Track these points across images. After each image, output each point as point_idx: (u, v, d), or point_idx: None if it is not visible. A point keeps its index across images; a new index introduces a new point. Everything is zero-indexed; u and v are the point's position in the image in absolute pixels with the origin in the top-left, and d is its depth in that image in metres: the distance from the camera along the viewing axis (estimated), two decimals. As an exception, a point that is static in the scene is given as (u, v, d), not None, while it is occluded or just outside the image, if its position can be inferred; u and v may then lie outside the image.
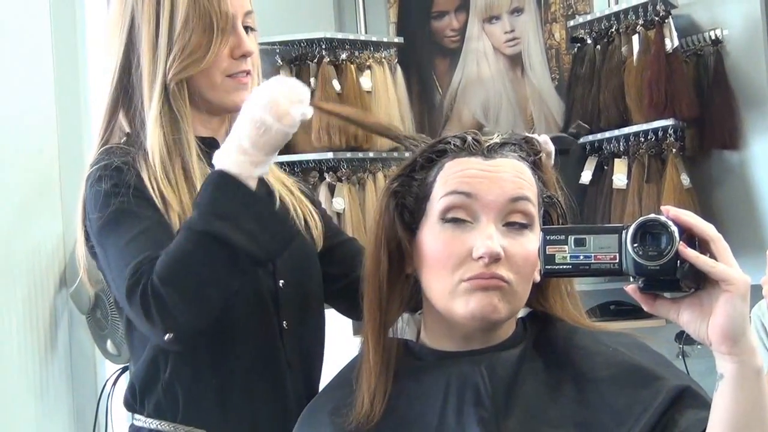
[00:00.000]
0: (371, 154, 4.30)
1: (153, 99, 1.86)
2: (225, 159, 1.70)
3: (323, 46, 4.33)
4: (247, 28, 1.93)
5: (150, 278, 1.66)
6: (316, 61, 4.31)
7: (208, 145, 1.91)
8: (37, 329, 2.97)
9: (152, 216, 1.77)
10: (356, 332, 4.07)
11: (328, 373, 1.80)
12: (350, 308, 2.02)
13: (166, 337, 1.68)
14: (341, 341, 2.08)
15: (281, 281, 1.89)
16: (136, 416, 1.89)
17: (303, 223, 1.96)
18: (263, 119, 1.69)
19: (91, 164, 1.86)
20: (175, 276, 1.66)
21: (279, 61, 4.32)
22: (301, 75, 4.31)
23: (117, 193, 1.77)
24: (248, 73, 1.93)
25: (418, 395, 1.55)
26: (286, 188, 1.97)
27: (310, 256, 1.99)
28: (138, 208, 1.77)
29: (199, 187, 1.78)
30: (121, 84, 1.92)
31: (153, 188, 1.79)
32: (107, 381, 3.28)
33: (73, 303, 3.11)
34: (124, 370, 3.32)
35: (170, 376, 1.82)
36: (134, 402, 1.90)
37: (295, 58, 4.36)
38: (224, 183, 1.69)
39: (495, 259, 1.48)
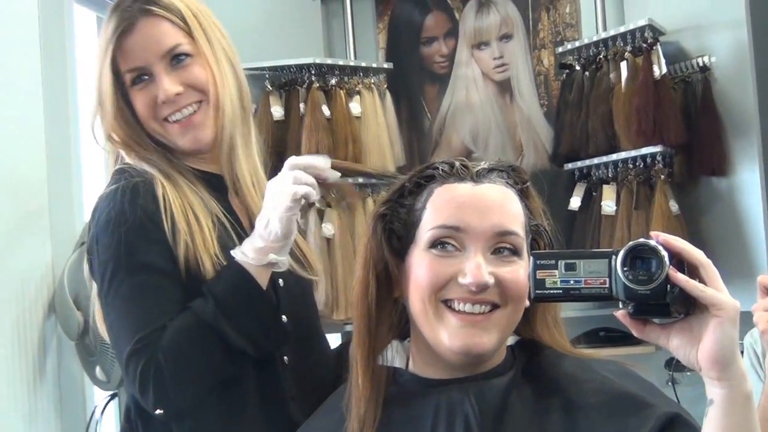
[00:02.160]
0: (360, 180, 4.29)
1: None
2: (243, 255, 1.80)
3: (313, 72, 4.32)
4: (179, 56, 1.92)
5: (155, 354, 1.72)
6: (305, 86, 4.30)
7: (216, 183, 1.95)
8: (26, 355, 2.95)
9: (158, 260, 1.80)
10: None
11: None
12: None
13: (157, 412, 1.75)
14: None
15: (284, 317, 1.89)
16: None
17: (300, 253, 1.97)
18: (264, 214, 1.81)
19: (107, 185, 1.88)
20: (179, 362, 1.73)
21: (269, 86, 4.32)
22: (290, 100, 4.32)
23: (124, 221, 1.79)
24: (201, 102, 1.93)
25: (406, 423, 1.56)
26: None
27: (308, 288, 2.00)
28: (145, 245, 1.79)
29: (200, 216, 1.84)
30: None
31: (165, 210, 1.80)
32: (96, 408, 3.26)
33: (61, 329, 3.10)
34: (113, 396, 3.31)
35: None
36: (131, 428, 1.89)
37: (285, 84, 4.35)
38: (241, 282, 1.78)
39: (483, 288, 1.49)
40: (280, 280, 1.91)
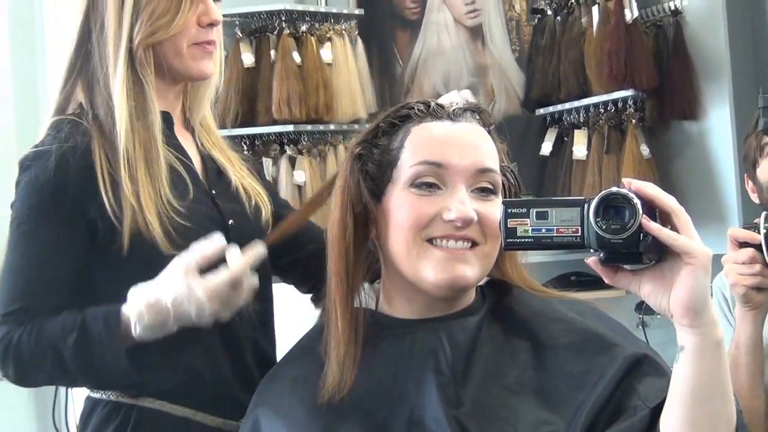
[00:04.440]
0: (332, 126, 4.29)
1: (118, 65, 1.84)
2: (134, 315, 1.73)
3: (283, 18, 4.30)
4: None
5: (11, 336, 1.74)
6: (276, 33, 4.28)
7: (163, 120, 1.90)
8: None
9: (62, 236, 1.79)
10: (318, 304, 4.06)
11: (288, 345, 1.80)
12: (301, 281, 2.04)
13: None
14: (302, 313, 2.07)
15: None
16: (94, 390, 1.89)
17: (254, 207, 1.96)
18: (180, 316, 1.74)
19: (42, 140, 1.85)
20: (26, 370, 1.77)
21: (239, 33, 4.30)
22: (261, 47, 4.30)
23: (47, 191, 1.78)
24: (213, 42, 1.92)
25: (377, 363, 1.57)
26: (236, 170, 1.99)
27: (259, 230, 1.99)
28: (59, 222, 1.79)
29: (160, 158, 1.82)
30: (81, 49, 1.90)
31: (102, 169, 1.79)
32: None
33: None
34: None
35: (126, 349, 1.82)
36: None
37: (255, 30, 4.33)
38: (108, 334, 1.74)
39: (467, 223, 1.49)
40: (230, 221, 1.90)
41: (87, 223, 1.78)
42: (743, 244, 2.01)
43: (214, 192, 1.91)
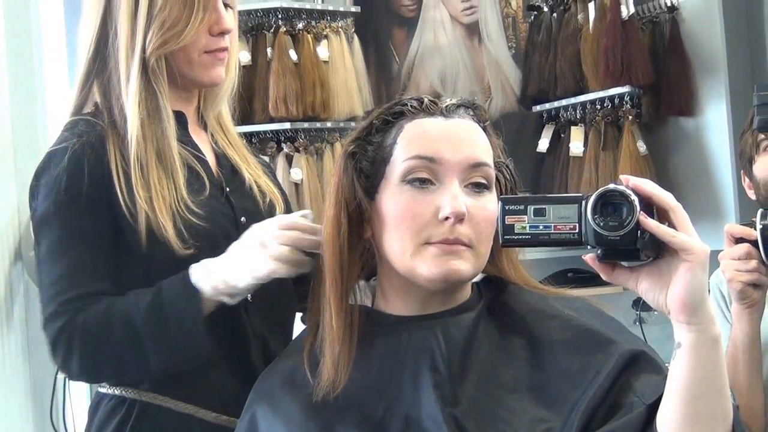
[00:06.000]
0: (329, 124, 4.29)
1: (131, 73, 1.86)
2: (208, 279, 1.75)
3: (279, 16, 4.30)
4: (225, 6, 1.93)
5: (74, 322, 1.73)
6: (272, 31, 4.28)
7: (177, 119, 1.91)
8: (-7, 303, 2.94)
9: (96, 231, 1.79)
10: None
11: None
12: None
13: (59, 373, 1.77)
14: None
15: None
16: (101, 384, 1.89)
17: (268, 205, 1.97)
18: (236, 264, 1.74)
19: (56, 140, 1.86)
20: (94, 349, 1.74)
21: (235, 30, 4.29)
22: (257, 45, 4.30)
23: (67, 187, 1.78)
24: (225, 49, 1.94)
25: (374, 360, 1.56)
26: (251, 169, 2.00)
27: None
28: (84, 215, 1.79)
29: (176, 162, 1.83)
30: (98, 54, 1.91)
31: (116, 168, 1.80)
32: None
33: (28, 276, 3.08)
34: (82, 343, 3.29)
35: None
36: None
37: (252, 28, 4.34)
38: (190, 301, 1.74)
39: (460, 219, 1.49)
40: (243, 218, 1.91)
41: (111, 217, 1.79)
42: (739, 240, 2.02)
43: (228, 189, 1.92)
